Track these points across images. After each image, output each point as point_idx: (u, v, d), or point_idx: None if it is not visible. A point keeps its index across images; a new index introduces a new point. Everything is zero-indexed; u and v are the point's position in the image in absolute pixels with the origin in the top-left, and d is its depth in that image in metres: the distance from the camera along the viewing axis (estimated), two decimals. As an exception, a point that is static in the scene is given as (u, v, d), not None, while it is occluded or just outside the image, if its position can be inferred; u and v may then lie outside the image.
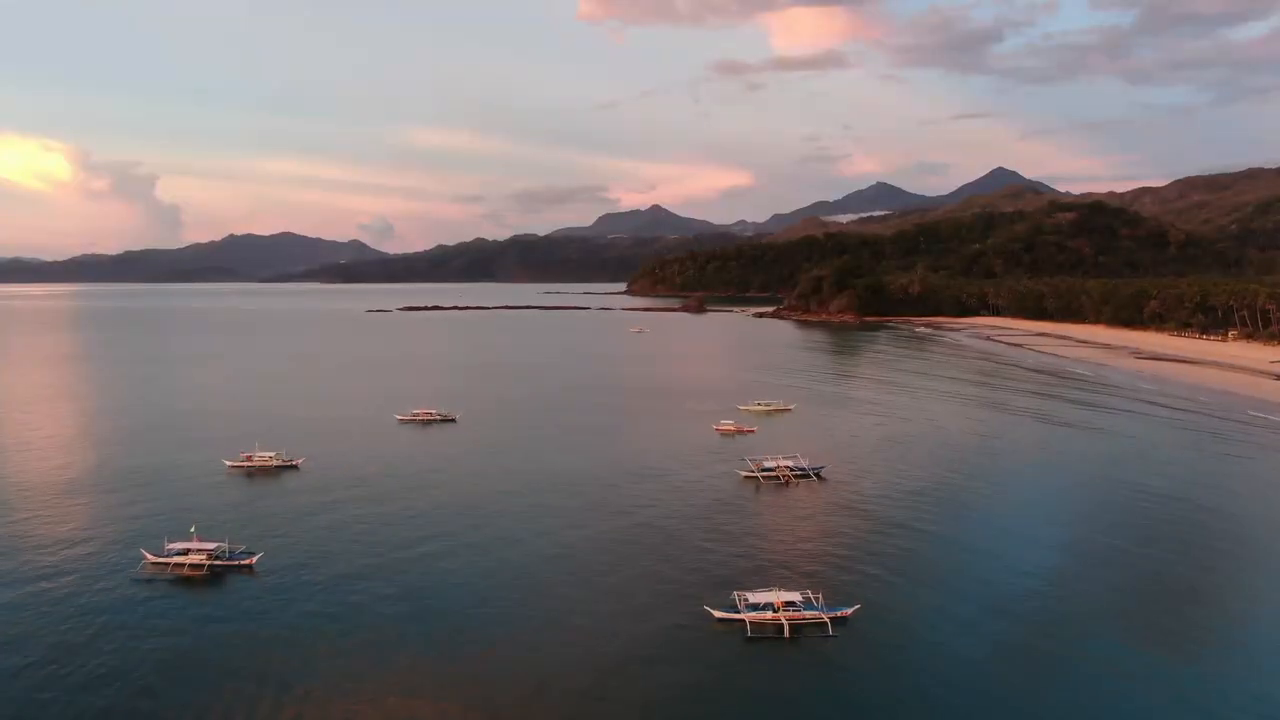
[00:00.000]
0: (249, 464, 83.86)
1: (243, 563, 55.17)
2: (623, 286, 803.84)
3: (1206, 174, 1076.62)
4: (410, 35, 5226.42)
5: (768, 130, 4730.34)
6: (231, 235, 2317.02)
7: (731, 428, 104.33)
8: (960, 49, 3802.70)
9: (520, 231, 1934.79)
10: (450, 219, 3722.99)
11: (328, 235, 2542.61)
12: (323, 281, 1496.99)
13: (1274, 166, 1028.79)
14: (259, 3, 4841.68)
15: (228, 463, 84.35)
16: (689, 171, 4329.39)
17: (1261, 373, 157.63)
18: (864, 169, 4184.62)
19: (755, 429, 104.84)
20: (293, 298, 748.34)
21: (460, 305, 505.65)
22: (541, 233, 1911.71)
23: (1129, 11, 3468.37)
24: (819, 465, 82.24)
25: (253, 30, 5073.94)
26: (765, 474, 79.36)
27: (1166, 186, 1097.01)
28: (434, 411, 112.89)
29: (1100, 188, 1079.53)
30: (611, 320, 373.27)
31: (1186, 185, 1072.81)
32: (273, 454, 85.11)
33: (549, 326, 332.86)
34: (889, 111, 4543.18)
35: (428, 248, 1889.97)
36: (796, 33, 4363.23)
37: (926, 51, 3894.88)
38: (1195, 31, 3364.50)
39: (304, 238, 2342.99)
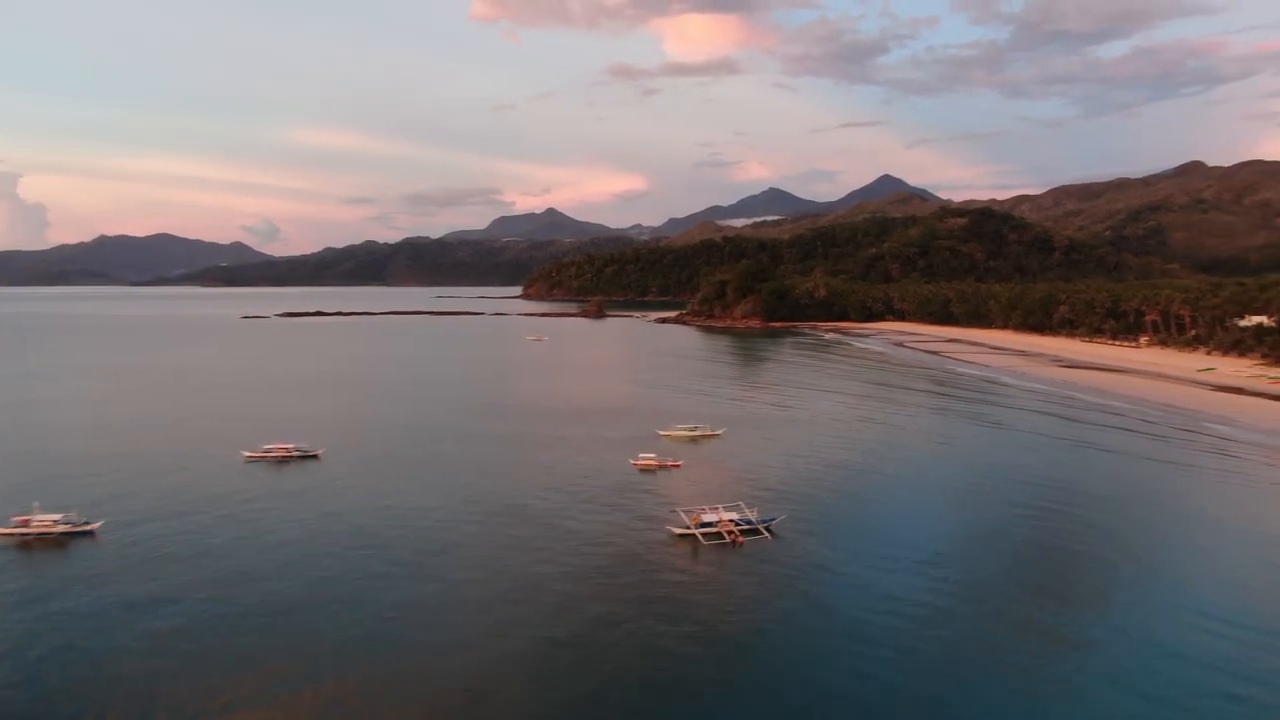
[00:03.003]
0: (24, 531, 62.94)
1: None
2: (518, 290, 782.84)
3: (1079, 183, 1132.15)
4: (297, 31, 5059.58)
5: (662, 135, 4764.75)
6: (103, 236, 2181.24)
7: (653, 462, 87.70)
8: (848, 59, 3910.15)
9: (412, 234, 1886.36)
10: (339, 221, 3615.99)
11: (208, 237, 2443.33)
12: (203, 285, 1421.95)
13: (1139, 177, 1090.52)
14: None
15: (-5, 530, 63.27)
16: (584, 175, 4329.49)
17: (1195, 383, 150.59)
18: (756, 175, 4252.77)
19: (681, 462, 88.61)
20: (165, 302, 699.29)
21: (345, 311, 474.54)
22: (434, 235, 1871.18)
23: (1005, 27, 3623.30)
24: (770, 516, 66.39)
25: (126, 22, 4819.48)
26: (705, 531, 63.03)
27: (1043, 195, 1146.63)
28: (292, 446, 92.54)
29: (981, 195, 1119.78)
30: (507, 326, 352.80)
31: (1061, 194, 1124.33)
32: (58, 517, 64.16)
33: (440, 334, 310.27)
34: (780, 119, 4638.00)
35: (315, 250, 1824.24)
36: (690, 39, 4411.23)
37: (816, 61, 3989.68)
38: (1065, 49, 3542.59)
39: (183, 239, 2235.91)
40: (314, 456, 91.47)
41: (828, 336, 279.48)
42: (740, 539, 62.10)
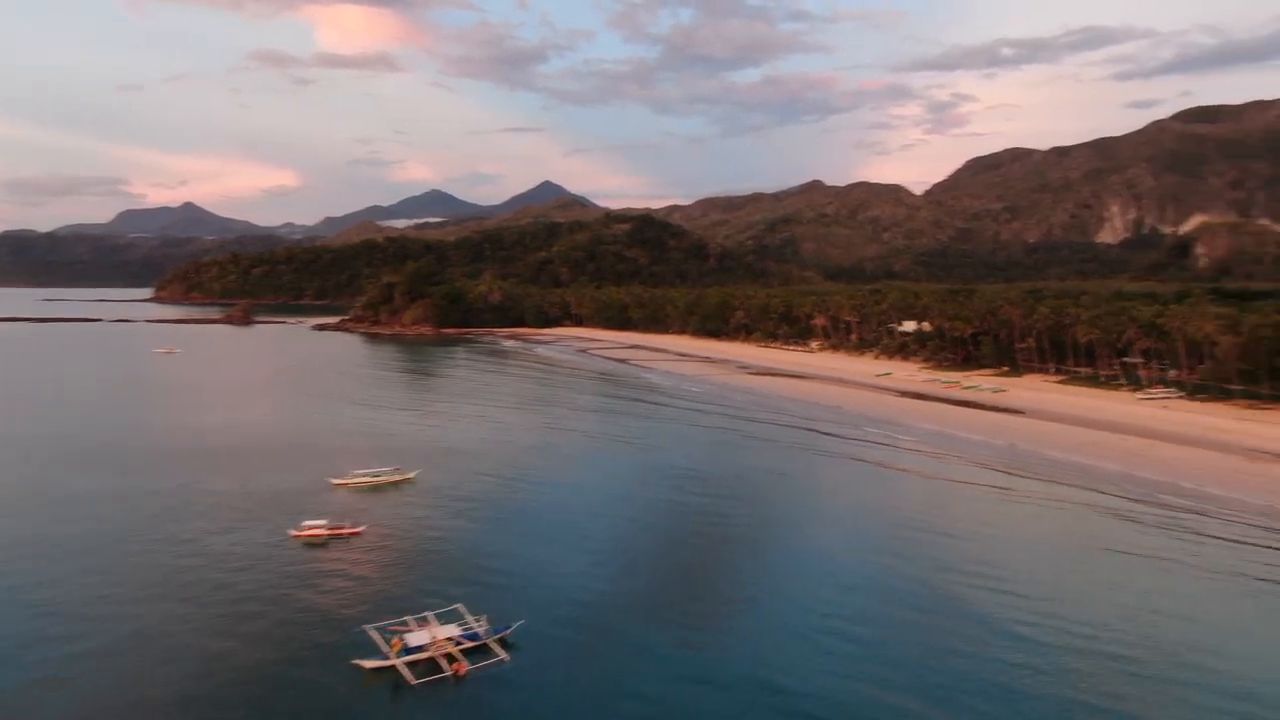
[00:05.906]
0: None
1: None
2: (148, 293, 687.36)
3: (722, 195, 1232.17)
4: None
5: (316, 129, 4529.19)
6: None
7: (323, 530, 64.89)
8: (509, 64, 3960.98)
9: (14, 227, 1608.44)
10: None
11: None
12: None
13: (772, 192, 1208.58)
14: None
15: None
16: (227, 167, 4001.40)
17: (880, 388, 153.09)
18: (417, 175, 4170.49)
19: (362, 527, 66.53)
20: None
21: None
22: (43, 229, 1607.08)
23: (655, 47, 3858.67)
24: (503, 624, 47.19)
25: None
26: (410, 661, 42.78)
27: (691, 205, 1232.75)
28: None
29: (637, 204, 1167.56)
30: (131, 336, 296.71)
31: (708, 205, 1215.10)
32: None
33: (41, 348, 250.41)
34: (441, 119, 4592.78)
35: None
36: (345, 30, 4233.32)
37: (477, 64, 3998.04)
38: (706, 72, 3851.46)
39: None
40: None
41: (508, 344, 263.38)
42: (463, 667, 42.73)
